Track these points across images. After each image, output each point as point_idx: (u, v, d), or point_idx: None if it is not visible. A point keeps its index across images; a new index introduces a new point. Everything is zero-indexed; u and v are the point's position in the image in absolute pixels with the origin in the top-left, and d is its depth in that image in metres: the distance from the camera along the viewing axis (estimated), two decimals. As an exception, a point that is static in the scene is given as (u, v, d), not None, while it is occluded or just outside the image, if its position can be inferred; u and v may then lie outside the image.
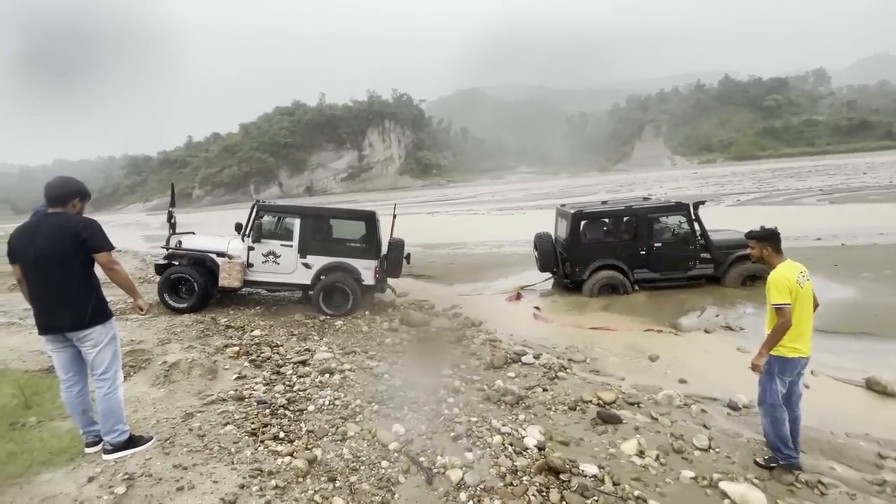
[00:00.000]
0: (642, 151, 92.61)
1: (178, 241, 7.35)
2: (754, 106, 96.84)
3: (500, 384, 4.56)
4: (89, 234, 2.69)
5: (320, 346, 5.57)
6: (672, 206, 8.51)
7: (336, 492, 2.69)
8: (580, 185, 51.39)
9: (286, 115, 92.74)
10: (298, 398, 3.94)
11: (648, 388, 4.70)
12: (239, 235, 7.50)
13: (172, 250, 7.23)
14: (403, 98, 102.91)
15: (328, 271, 7.32)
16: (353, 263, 7.38)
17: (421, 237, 17.49)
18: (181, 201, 76.12)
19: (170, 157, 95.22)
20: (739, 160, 79.70)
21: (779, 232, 3.33)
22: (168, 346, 5.00)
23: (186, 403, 3.70)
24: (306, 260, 7.36)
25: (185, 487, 2.52)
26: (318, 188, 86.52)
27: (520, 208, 29.31)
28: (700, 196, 22.19)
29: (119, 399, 2.87)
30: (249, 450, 2.99)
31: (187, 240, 7.50)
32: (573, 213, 8.35)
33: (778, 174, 41.99)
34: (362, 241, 7.57)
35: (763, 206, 21.14)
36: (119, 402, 2.86)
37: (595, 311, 7.68)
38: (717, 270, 8.29)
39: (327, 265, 7.34)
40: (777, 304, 3.09)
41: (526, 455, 3.26)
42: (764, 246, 3.29)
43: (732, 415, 4.24)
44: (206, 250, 7.30)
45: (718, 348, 5.95)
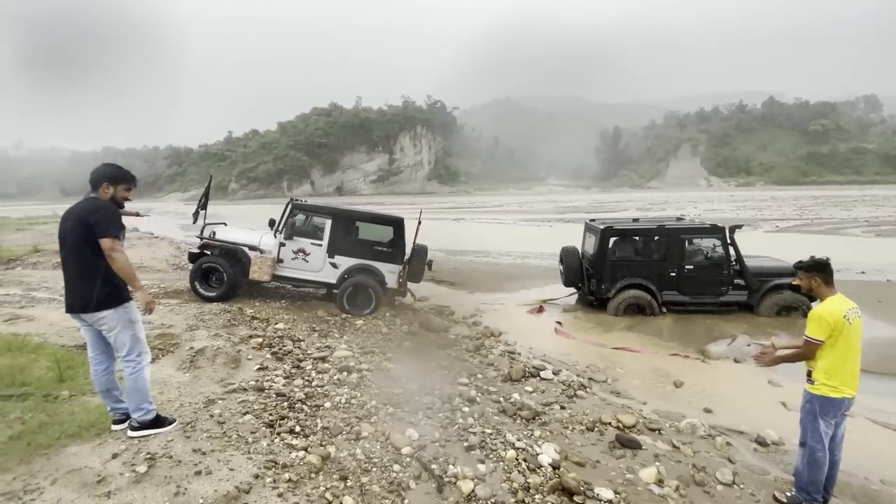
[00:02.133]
0: (677, 170, 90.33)
1: (213, 232, 7.58)
2: (799, 130, 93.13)
3: (517, 398, 4.49)
4: (95, 219, 2.70)
5: (340, 343, 5.63)
6: (707, 228, 8.25)
7: (347, 491, 2.69)
8: (611, 201, 50.52)
9: (322, 115, 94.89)
10: (316, 394, 3.98)
11: (671, 415, 4.55)
12: (272, 231, 7.68)
13: (206, 240, 7.45)
14: (437, 105, 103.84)
15: (354, 272, 7.44)
16: (378, 266, 7.50)
17: (445, 243, 17.52)
18: (217, 193, 78.95)
19: (210, 150, 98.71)
20: (780, 185, 76.79)
21: (829, 263, 3.17)
22: (196, 332, 5.15)
23: (209, 390, 3.80)
24: (334, 260, 7.50)
25: (202, 472, 2.57)
26: (348, 189, 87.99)
27: (546, 220, 29.02)
28: (736, 220, 21.44)
29: (144, 379, 2.90)
30: (266, 441, 3.04)
31: (221, 231, 7.72)
32: (602, 229, 8.20)
33: (821, 202, 40.22)
34: (389, 245, 7.67)
35: (803, 234, 20.24)
36: (144, 381, 2.89)
37: (619, 330, 7.50)
38: (752, 298, 7.98)
39: (353, 266, 7.47)
40: (810, 338, 2.98)
41: (540, 473, 3.20)
42: (812, 277, 3.13)
43: (760, 450, 4.05)
44: (239, 243, 7.50)
45: (748, 379, 5.71)
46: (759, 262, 8.37)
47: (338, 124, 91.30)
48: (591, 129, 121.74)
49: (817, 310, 3.03)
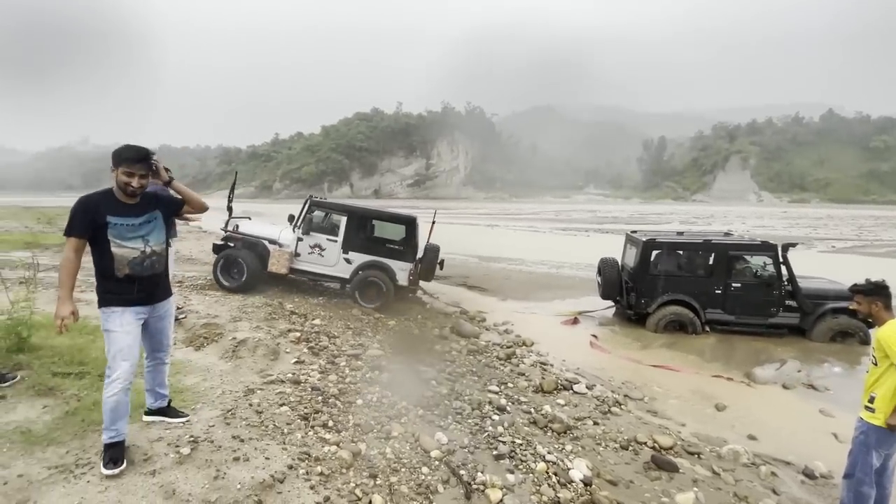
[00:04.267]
0: (725, 183, 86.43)
1: (236, 225, 7.94)
2: (859, 146, 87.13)
3: (549, 410, 4.41)
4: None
5: (373, 343, 5.71)
6: (757, 245, 7.84)
7: (376, 489, 2.72)
8: (652, 213, 48.92)
9: (364, 120, 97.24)
10: (349, 390, 4.05)
11: (712, 440, 4.34)
12: (291, 226, 8.00)
13: (230, 233, 7.81)
14: (476, 111, 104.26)
15: (366, 268, 7.70)
16: (390, 264, 7.73)
17: (479, 249, 17.47)
18: (263, 192, 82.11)
19: (257, 151, 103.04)
20: (837, 203, 72.13)
21: (888, 286, 2.95)
22: (238, 323, 5.36)
23: (249, 379, 3.94)
24: (348, 255, 7.78)
25: (240, 458, 2.66)
26: (385, 192, 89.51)
27: (584, 230, 28.43)
28: (789, 237, 20.27)
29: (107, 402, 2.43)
30: (300, 433, 3.11)
31: (244, 224, 8.07)
32: (644, 241, 7.95)
33: (882, 222, 37.44)
34: (401, 243, 7.87)
35: (862, 256, 18.87)
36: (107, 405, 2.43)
37: (658, 347, 7.23)
38: (804, 321, 7.50)
39: (366, 262, 7.73)
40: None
41: (570, 488, 3.12)
42: (873, 301, 2.91)
43: (807, 483, 3.80)
44: (260, 236, 7.83)
45: (797, 407, 5.37)
46: (814, 283, 7.87)
47: (378, 129, 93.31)
48: (633, 140, 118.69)
49: (888, 330, 2.79)
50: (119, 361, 2.45)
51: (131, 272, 2.50)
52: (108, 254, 2.45)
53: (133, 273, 2.50)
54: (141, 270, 2.53)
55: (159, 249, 2.64)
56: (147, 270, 2.56)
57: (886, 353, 2.77)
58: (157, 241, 2.63)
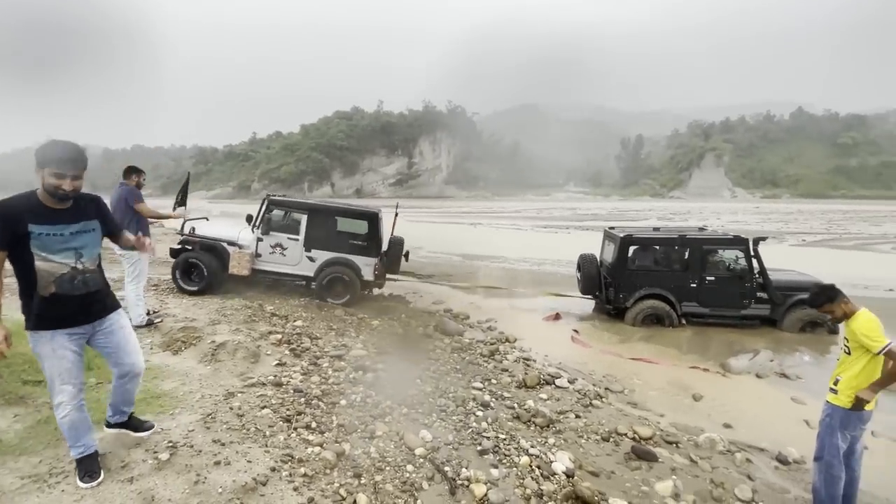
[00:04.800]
0: (700, 180, 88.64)
1: (192, 228, 7.79)
2: (828, 142, 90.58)
3: (532, 404, 4.46)
4: None
5: (356, 343, 5.68)
6: (729, 239, 8.07)
7: (361, 488, 2.72)
8: (631, 209, 49.84)
9: (344, 118, 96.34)
10: (332, 391, 4.03)
11: (689, 429, 4.46)
12: (250, 226, 7.89)
13: (186, 236, 7.66)
14: (457, 109, 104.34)
15: (331, 265, 7.68)
16: (354, 259, 7.73)
17: (462, 247, 17.53)
18: (241, 192, 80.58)
19: (234, 150, 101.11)
20: (808, 198, 74.76)
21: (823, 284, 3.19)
22: (217, 326, 5.27)
23: (229, 383, 3.88)
24: (311, 253, 7.74)
25: (221, 462, 2.63)
26: (367, 191, 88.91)
27: (565, 227, 28.79)
28: (761, 232, 20.91)
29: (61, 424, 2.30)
30: (283, 435, 3.09)
31: (201, 226, 7.93)
32: (622, 237, 8.10)
33: (850, 216, 38.96)
34: (364, 238, 7.86)
35: (830, 249, 19.62)
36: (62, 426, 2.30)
37: (637, 340, 7.39)
38: (775, 313, 7.76)
39: (330, 259, 7.71)
40: (886, 347, 2.81)
41: (553, 480, 3.17)
42: (840, 301, 3.04)
43: (781, 468, 3.95)
44: (218, 238, 7.72)
45: (770, 395, 5.57)
46: (784, 275, 8.14)
47: (359, 127, 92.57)
48: (612, 138, 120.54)
49: (866, 320, 2.91)
50: (59, 386, 2.22)
51: (58, 290, 2.13)
52: (32, 269, 2.09)
53: (60, 292, 2.14)
54: (70, 289, 2.16)
55: (93, 266, 2.27)
56: (78, 289, 2.19)
57: (862, 342, 2.88)
58: (91, 256, 2.26)
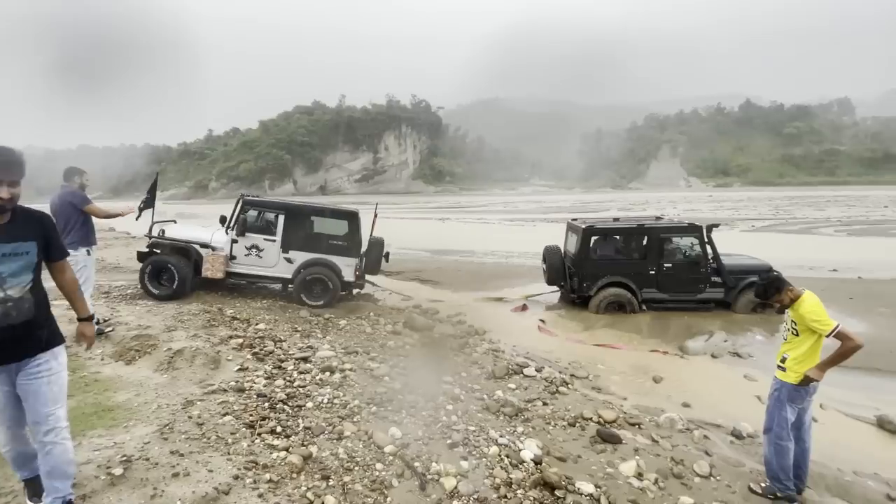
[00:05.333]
0: (658, 171, 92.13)
1: (161, 230, 7.44)
2: (775, 132, 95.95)
3: (501, 395, 4.52)
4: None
5: (323, 344, 5.58)
6: (685, 227, 8.44)
7: (329, 490, 2.68)
8: (593, 201, 51.17)
9: (305, 114, 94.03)
10: (298, 394, 3.94)
11: (651, 410, 4.64)
12: (223, 227, 7.62)
13: (155, 239, 7.32)
14: (422, 104, 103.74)
15: (310, 266, 7.48)
16: (334, 260, 7.55)
17: (430, 243, 17.52)
18: (198, 192, 77.43)
19: (189, 148, 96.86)
20: (756, 186, 78.99)
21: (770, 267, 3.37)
22: (174, 333, 5.05)
23: (188, 391, 3.73)
24: (288, 255, 7.52)
25: (180, 474, 2.53)
26: (332, 188, 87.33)
27: (531, 220, 29.27)
28: (714, 219, 21.96)
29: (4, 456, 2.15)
30: (246, 441, 3.00)
31: (171, 229, 7.59)
32: (584, 228, 8.32)
33: (796, 202, 41.45)
34: (344, 239, 7.70)
35: (778, 234, 20.85)
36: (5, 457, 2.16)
37: (600, 327, 7.61)
38: (728, 295, 8.18)
39: (309, 260, 7.51)
40: (836, 329, 2.97)
41: (522, 468, 3.22)
42: (786, 290, 3.20)
43: (736, 443, 4.16)
44: (190, 241, 7.41)
45: (725, 374, 5.86)
46: (736, 260, 8.58)
47: (321, 123, 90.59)
48: (575, 131, 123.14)
49: (811, 304, 3.07)
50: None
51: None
52: None
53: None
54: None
55: (19, 295, 1.89)
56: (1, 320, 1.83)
57: (811, 326, 3.05)
58: (19, 283, 1.89)
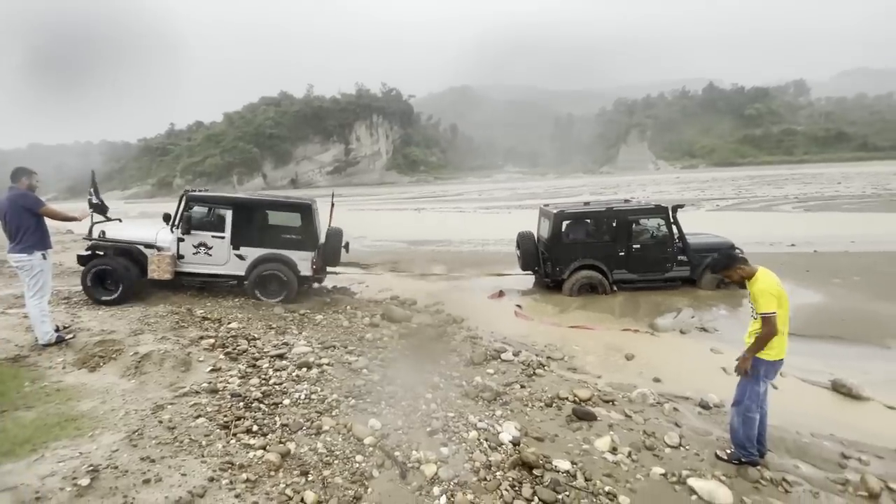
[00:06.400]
0: (627, 155, 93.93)
1: (102, 232, 7.09)
2: (736, 114, 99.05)
3: (479, 380, 4.58)
4: None
5: (299, 340, 5.51)
6: (651, 208, 8.66)
7: (308, 486, 2.67)
8: (566, 186, 51.86)
9: (272, 105, 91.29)
10: (274, 392, 3.89)
11: (623, 387, 4.79)
12: (168, 226, 7.31)
13: (96, 241, 6.99)
14: (392, 93, 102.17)
15: (263, 262, 7.27)
16: (288, 255, 7.35)
17: (406, 233, 17.44)
18: (162, 190, 74.52)
19: (150, 144, 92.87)
20: (720, 166, 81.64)
21: (732, 249, 3.46)
22: (140, 336, 4.88)
23: (157, 395, 3.62)
24: (240, 251, 7.28)
25: (151, 480, 2.47)
26: (303, 181, 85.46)
27: (505, 207, 29.45)
28: (681, 200, 22.63)
29: None
30: (221, 443, 2.95)
31: (113, 229, 7.23)
32: (555, 213, 8.44)
33: (756, 181, 43.05)
34: (298, 232, 7.49)
35: (741, 212, 21.65)
36: None
37: (574, 310, 7.78)
38: (694, 273, 8.47)
39: (262, 256, 7.29)
40: (766, 314, 3.14)
41: (500, 450, 3.29)
42: (736, 268, 3.34)
43: (703, 413, 4.34)
44: (133, 241, 7.09)
45: (692, 349, 6.09)
46: (700, 238, 8.89)
47: (289, 114, 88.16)
48: (546, 117, 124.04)
49: (758, 287, 3.21)
50: None
51: None
52: None
53: None
54: None
55: None
56: None
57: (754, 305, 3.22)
58: None
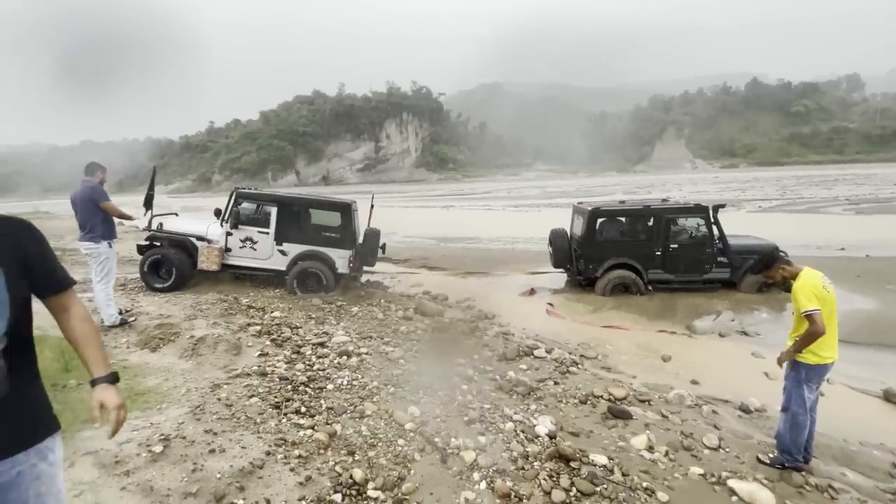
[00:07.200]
0: (663, 153, 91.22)
1: (160, 224, 7.59)
2: (782, 111, 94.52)
3: (513, 375, 4.65)
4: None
5: (338, 330, 5.72)
6: (691, 207, 8.46)
7: (355, 464, 2.82)
8: (598, 185, 50.90)
9: (306, 104, 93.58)
10: (318, 377, 4.08)
11: (660, 387, 4.75)
12: (218, 220, 7.75)
13: (154, 232, 7.48)
14: (423, 91, 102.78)
15: (303, 259, 7.58)
16: (328, 252, 7.63)
17: (436, 230, 17.60)
18: (201, 185, 77.64)
19: (191, 141, 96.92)
20: (763, 166, 78.18)
21: (774, 249, 3.37)
22: (195, 321, 5.21)
23: (213, 375, 3.88)
24: (282, 247, 7.62)
25: (216, 450, 2.67)
26: (334, 178, 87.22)
27: (535, 206, 29.22)
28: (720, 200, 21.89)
29: None
30: (273, 421, 3.14)
31: (169, 222, 7.75)
32: (590, 211, 8.37)
33: (803, 181, 41.06)
34: (338, 230, 7.77)
35: (786, 214, 20.73)
36: None
37: (607, 309, 7.71)
38: (734, 275, 8.23)
39: (302, 253, 7.60)
40: (808, 311, 3.05)
41: (537, 442, 3.36)
42: (778, 268, 3.28)
43: (744, 417, 4.27)
44: (186, 234, 7.57)
45: (733, 352, 5.96)
46: (742, 240, 8.62)
47: (321, 112, 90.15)
48: (578, 115, 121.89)
49: (799, 284, 3.15)
50: None
51: None
52: None
53: None
54: None
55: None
56: None
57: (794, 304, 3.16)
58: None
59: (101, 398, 1.37)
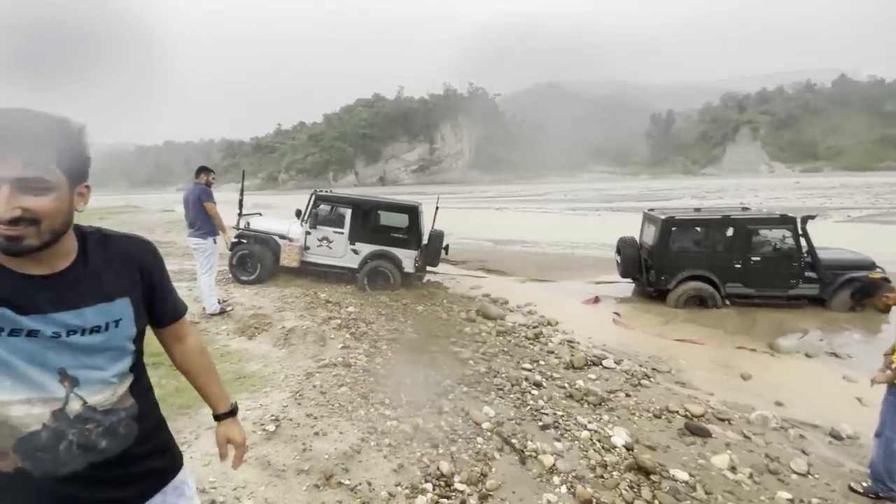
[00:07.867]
0: (735, 155, 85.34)
1: (247, 223, 8.31)
2: (873, 111, 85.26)
3: (582, 384, 4.65)
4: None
5: (407, 327, 5.98)
6: (776, 218, 7.93)
7: (440, 457, 2.99)
8: (662, 189, 48.58)
9: (366, 106, 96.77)
10: (395, 371, 4.32)
11: (740, 407, 4.56)
12: (299, 220, 8.36)
13: (242, 230, 8.18)
14: (479, 92, 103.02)
15: (373, 258, 8.02)
16: (395, 252, 8.04)
17: (491, 232, 17.64)
18: (269, 184, 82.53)
19: (261, 142, 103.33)
20: (851, 170, 70.99)
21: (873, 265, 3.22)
22: (284, 313, 5.67)
23: (305, 364, 4.23)
24: (355, 246, 8.10)
25: (319, 433, 2.95)
26: (390, 179, 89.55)
27: (595, 210, 28.39)
28: (803, 209, 20.16)
29: None
30: (363, 410, 3.40)
31: (255, 221, 8.46)
32: (663, 219, 8.08)
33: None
34: (405, 231, 8.18)
35: (879, 225, 18.75)
36: None
37: (680, 322, 7.43)
38: (824, 292, 7.64)
39: (373, 252, 8.05)
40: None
41: (614, 453, 3.37)
42: (881, 295, 3.13)
43: (835, 443, 4.02)
44: (271, 232, 8.20)
45: (821, 374, 5.57)
46: (833, 254, 7.97)
47: (381, 115, 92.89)
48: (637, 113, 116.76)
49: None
50: None
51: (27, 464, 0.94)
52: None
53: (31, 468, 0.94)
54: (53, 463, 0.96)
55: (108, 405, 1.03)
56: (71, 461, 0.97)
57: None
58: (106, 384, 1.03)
59: (229, 434, 1.40)
